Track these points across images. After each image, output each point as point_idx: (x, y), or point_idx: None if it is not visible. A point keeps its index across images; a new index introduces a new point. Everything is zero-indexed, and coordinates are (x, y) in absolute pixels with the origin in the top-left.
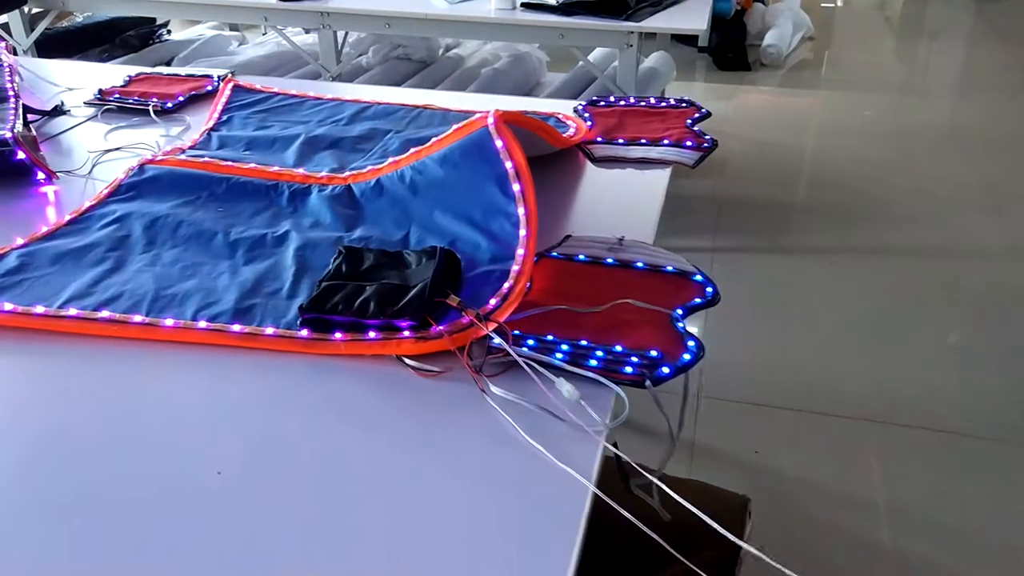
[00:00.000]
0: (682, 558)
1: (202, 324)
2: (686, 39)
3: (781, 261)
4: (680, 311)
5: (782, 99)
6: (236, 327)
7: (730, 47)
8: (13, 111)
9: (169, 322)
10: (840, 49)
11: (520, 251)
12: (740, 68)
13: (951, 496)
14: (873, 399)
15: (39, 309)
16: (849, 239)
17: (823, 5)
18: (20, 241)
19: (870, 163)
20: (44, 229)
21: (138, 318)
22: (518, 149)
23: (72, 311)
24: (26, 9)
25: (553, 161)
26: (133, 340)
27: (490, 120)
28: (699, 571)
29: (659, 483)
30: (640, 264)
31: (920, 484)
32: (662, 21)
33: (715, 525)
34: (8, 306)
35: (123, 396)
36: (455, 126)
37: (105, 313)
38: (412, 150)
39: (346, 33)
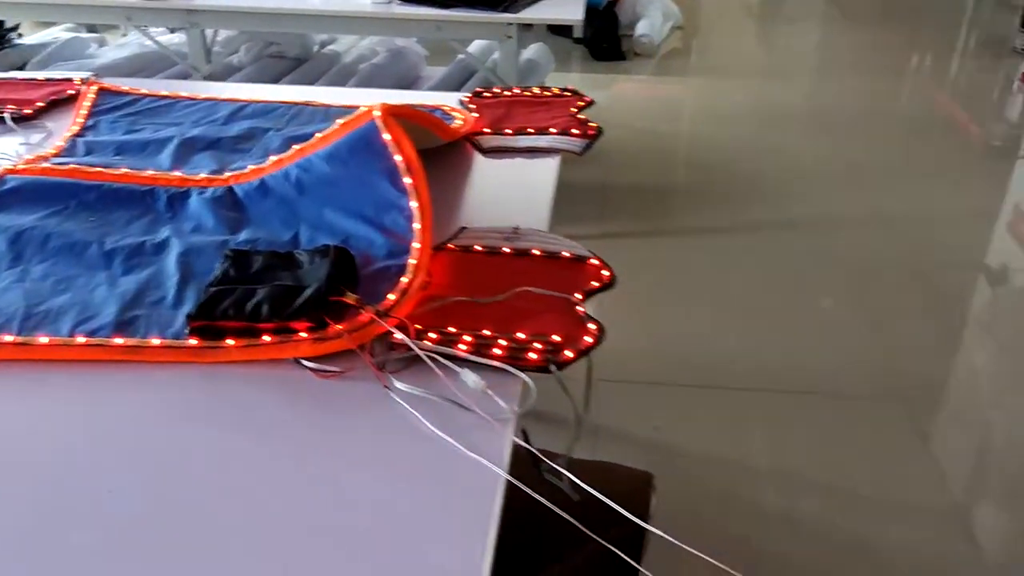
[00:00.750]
0: (595, 537)
1: (81, 339)
2: (562, 31)
3: (664, 243)
4: (579, 295)
5: (657, 87)
6: (118, 340)
7: (604, 38)
8: None
9: (44, 339)
10: (708, 37)
11: (416, 245)
12: (615, 58)
13: (834, 456)
14: (758, 369)
15: None
16: (726, 218)
17: None
18: None
19: (742, 145)
20: None
21: (8, 337)
22: (407, 142)
23: None
24: None
25: (441, 153)
26: (4, 361)
27: (376, 113)
28: (611, 548)
29: (566, 472)
30: (537, 252)
31: (806, 447)
32: (539, 12)
33: (617, 508)
34: None
35: None
36: (340, 121)
37: None
38: (296, 147)
39: (215, 31)
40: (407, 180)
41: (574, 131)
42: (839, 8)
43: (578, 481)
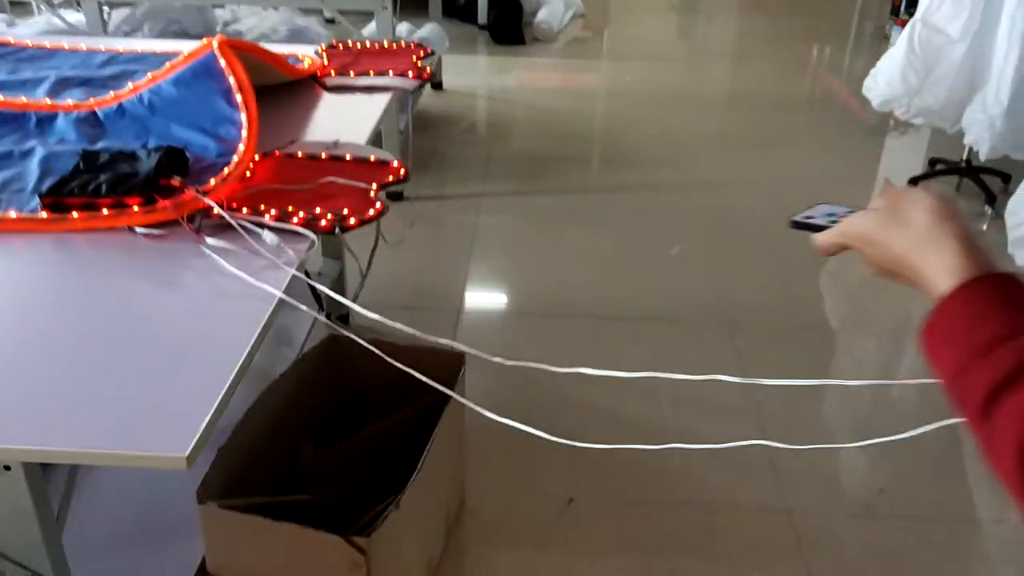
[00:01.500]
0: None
1: None
2: (468, 17)
3: (540, 200)
4: (375, 185)
5: (554, 69)
6: None
7: (506, 23)
8: None
9: None
10: (616, 26)
11: (240, 146)
12: (515, 42)
13: (659, 366)
14: (607, 302)
15: None
16: (600, 180)
17: None
18: None
19: (626, 120)
20: None
21: None
22: (240, 67)
23: None
24: None
25: (291, 91)
26: None
27: (215, 44)
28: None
29: (355, 305)
30: (348, 157)
31: (636, 359)
32: None
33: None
34: None
35: None
36: (186, 52)
37: None
38: (149, 75)
39: (111, 8)
40: (238, 98)
41: (408, 74)
42: (752, 3)
43: (382, 318)
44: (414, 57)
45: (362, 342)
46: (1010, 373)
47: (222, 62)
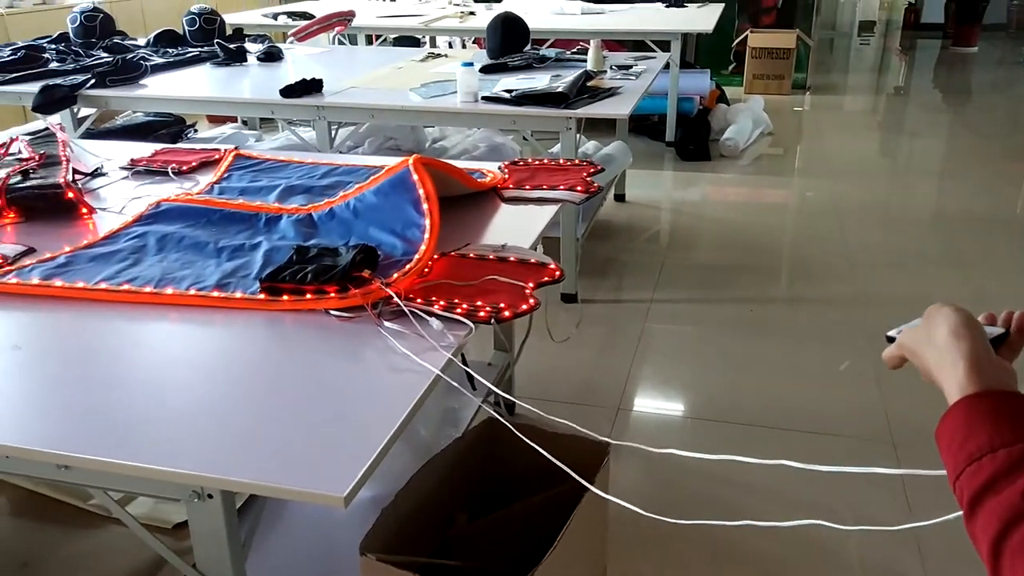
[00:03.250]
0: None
1: (192, 292)
2: (655, 134)
3: (709, 308)
4: (531, 284)
5: (739, 184)
6: (216, 293)
7: (692, 140)
8: (64, 169)
9: (169, 291)
10: (800, 143)
11: (422, 247)
12: (700, 158)
13: (812, 476)
14: (766, 410)
15: (80, 284)
16: (771, 292)
17: (794, 109)
18: (67, 249)
19: (803, 234)
20: (84, 242)
21: (148, 289)
22: (429, 181)
23: (103, 286)
24: (75, 109)
25: (474, 201)
26: (144, 304)
27: (410, 161)
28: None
29: (496, 390)
30: (512, 258)
31: (790, 471)
32: (594, 109)
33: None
34: (59, 283)
35: (134, 339)
36: (386, 167)
37: (125, 287)
38: (356, 186)
39: (339, 127)
40: (425, 206)
41: (578, 188)
42: (964, 124)
43: (510, 397)
44: (584, 173)
45: (509, 426)
46: (986, 482)
47: (414, 176)
